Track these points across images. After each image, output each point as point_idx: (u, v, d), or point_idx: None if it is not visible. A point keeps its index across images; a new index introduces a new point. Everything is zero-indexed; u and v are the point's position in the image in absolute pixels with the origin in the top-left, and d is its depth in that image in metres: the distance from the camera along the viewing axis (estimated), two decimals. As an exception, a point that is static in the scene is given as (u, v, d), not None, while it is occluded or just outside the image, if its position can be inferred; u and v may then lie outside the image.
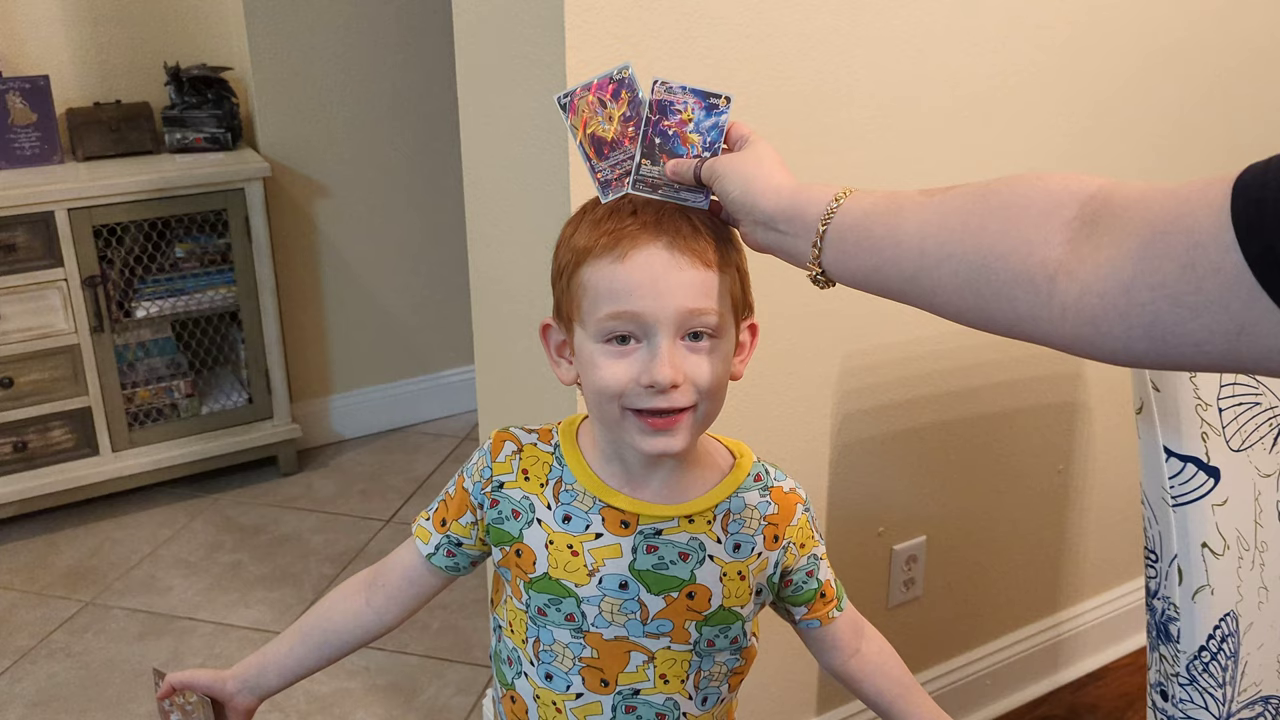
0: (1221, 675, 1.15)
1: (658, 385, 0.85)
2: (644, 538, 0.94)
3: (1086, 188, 0.70)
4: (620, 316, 0.87)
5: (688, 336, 0.88)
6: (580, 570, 0.94)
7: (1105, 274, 0.66)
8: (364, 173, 2.94)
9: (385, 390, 3.15)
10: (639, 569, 0.94)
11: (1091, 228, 0.68)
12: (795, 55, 1.42)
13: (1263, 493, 1.17)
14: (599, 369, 0.88)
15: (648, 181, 0.91)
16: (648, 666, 0.96)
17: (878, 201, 0.81)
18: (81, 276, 2.50)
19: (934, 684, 1.91)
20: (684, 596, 0.95)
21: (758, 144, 0.91)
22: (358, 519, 2.72)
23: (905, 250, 0.78)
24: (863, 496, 1.72)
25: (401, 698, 2.11)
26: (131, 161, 2.63)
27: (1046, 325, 0.70)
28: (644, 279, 0.86)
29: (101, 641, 2.26)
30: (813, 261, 0.83)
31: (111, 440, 2.64)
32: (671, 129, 0.92)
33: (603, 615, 0.94)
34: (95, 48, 2.74)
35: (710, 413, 0.90)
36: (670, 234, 0.87)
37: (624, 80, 0.92)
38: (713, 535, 0.95)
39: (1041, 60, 1.65)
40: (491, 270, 1.61)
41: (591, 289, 0.88)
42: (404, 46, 2.90)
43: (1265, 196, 0.60)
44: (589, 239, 0.89)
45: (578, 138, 0.92)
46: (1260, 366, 0.63)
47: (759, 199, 0.86)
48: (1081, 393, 1.93)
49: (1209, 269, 0.61)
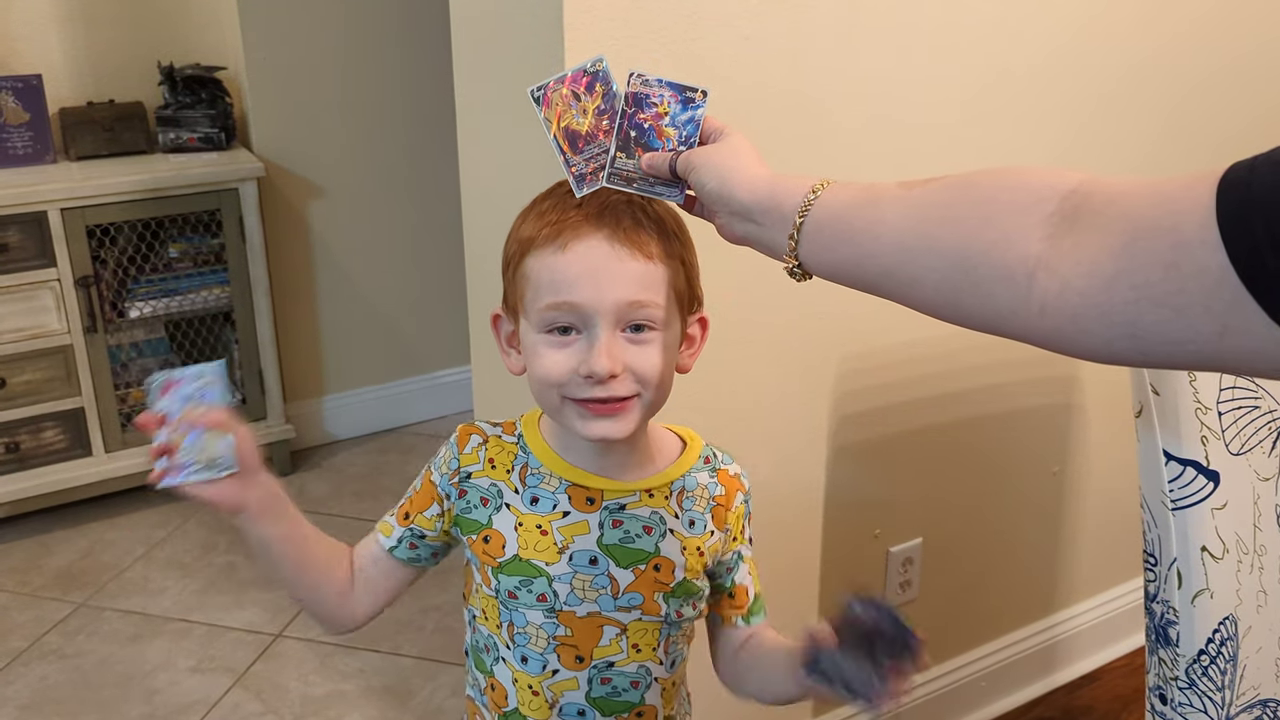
0: (1221, 679, 1.15)
1: (595, 376, 0.87)
2: (609, 513, 0.96)
3: (1067, 181, 0.69)
4: (560, 307, 0.88)
5: (629, 328, 0.89)
6: (550, 549, 0.96)
7: (1086, 270, 0.65)
8: (358, 173, 2.93)
9: (379, 391, 3.14)
10: (606, 543, 0.96)
11: (1072, 223, 0.67)
12: (792, 55, 1.42)
13: (1262, 496, 1.17)
14: (540, 358, 0.90)
15: (622, 175, 0.91)
16: (620, 639, 0.98)
17: (855, 194, 0.81)
18: (74, 276, 2.49)
19: (929, 686, 1.91)
20: (651, 569, 0.97)
21: (734, 136, 0.91)
22: (351, 520, 2.71)
23: (884, 244, 0.77)
24: (859, 499, 1.72)
25: (396, 700, 2.10)
26: (125, 161, 2.62)
27: (1025, 321, 0.69)
28: (584, 270, 0.87)
29: (94, 643, 2.25)
30: (789, 254, 0.83)
31: (104, 441, 2.63)
32: (647, 122, 0.92)
33: (574, 593, 0.96)
34: (88, 47, 2.73)
35: (655, 401, 0.92)
36: (611, 225, 0.88)
37: (598, 73, 0.92)
38: (671, 510, 0.98)
39: (1032, 61, 1.65)
40: (487, 270, 1.60)
41: (534, 279, 0.90)
42: (400, 45, 2.89)
43: (1250, 196, 0.59)
44: (533, 229, 0.91)
45: (551, 131, 0.92)
46: (1242, 367, 0.63)
47: (735, 190, 0.86)
48: (1077, 395, 1.93)
49: (1193, 269, 0.60)
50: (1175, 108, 1.85)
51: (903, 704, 1.87)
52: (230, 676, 2.16)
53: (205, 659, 2.21)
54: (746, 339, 1.50)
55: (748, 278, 1.26)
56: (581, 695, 0.99)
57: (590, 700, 0.99)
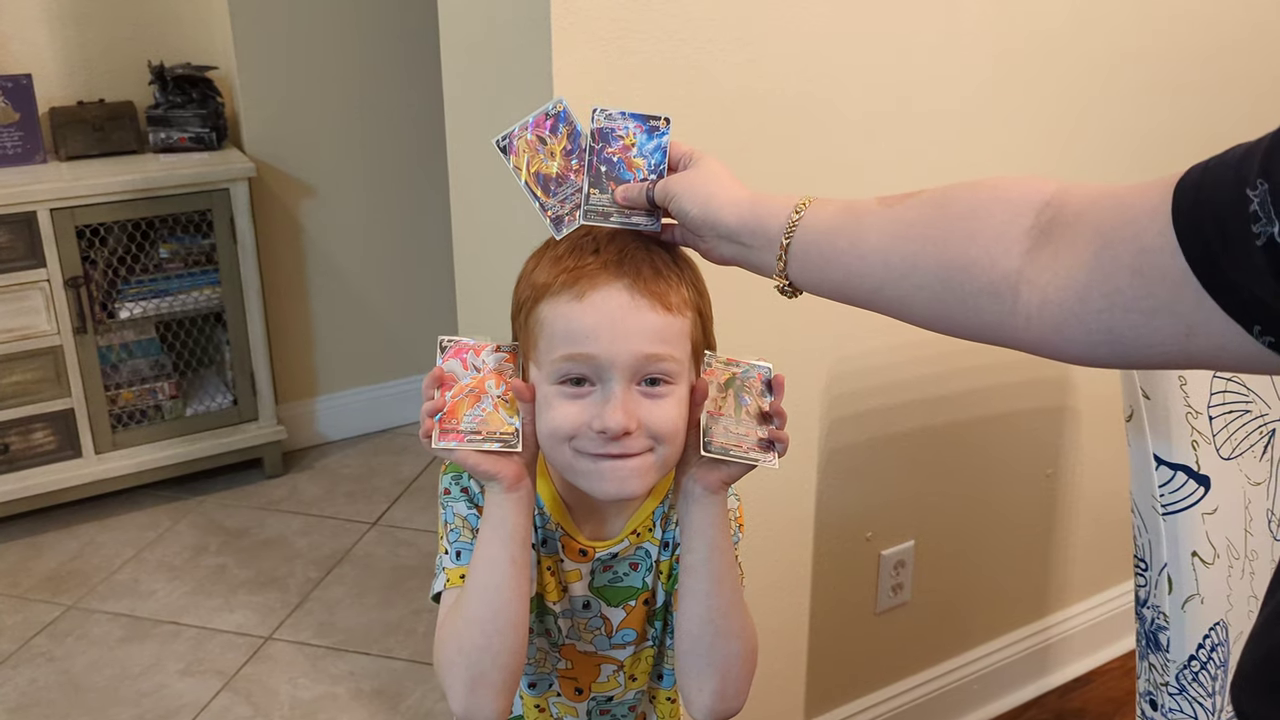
0: (1211, 684, 1.14)
1: (609, 432, 0.83)
2: (599, 562, 0.96)
3: (1041, 194, 0.72)
4: (575, 359, 0.84)
5: (644, 381, 0.85)
6: (555, 589, 0.96)
7: (1063, 283, 0.68)
8: (350, 173, 2.92)
9: (372, 392, 3.13)
10: (597, 586, 0.97)
11: (1047, 236, 0.69)
12: (783, 60, 1.41)
13: (1253, 501, 1.16)
14: (552, 410, 0.86)
15: (599, 211, 0.90)
16: (618, 674, 1.00)
17: (837, 213, 0.82)
18: (64, 277, 2.48)
19: (922, 689, 1.90)
20: (641, 604, 0.98)
21: (706, 160, 0.90)
22: (344, 522, 2.70)
23: (870, 264, 0.79)
24: (851, 502, 1.71)
25: (386, 703, 2.09)
26: (115, 161, 2.61)
27: (1013, 332, 0.72)
28: (601, 321, 0.83)
29: (84, 646, 2.24)
30: (778, 274, 0.84)
31: (95, 442, 2.62)
32: (616, 155, 0.91)
33: (575, 629, 0.97)
34: (79, 46, 2.71)
35: (669, 457, 0.87)
36: (631, 275, 0.85)
37: (560, 114, 0.92)
38: (655, 541, 0.97)
39: (1014, 61, 1.65)
40: (478, 271, 1.59)
41: (548, 328, 0.86)
42: (391, 45, 2.88)
43: (1200, 198, 0.61)
44: (548, 275, 0.87)
45: (522, 179, 0.91)
46: (1211, 363, 0.65)
47: (720, 214, 0.85)
48: (1070, 397, 1.93)
49: (1157, 274, 0.63)
50: (1160, 106, 1.84)
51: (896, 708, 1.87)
52: (220, 679, 2.14)
53: (195, 662, 2.19)
54: (736, 342, 1.49)
55: (737, 279, 1.25)
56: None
57: None
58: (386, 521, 2.71)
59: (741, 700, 0.93)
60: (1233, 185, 0.59)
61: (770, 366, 0.93)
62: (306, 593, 2.41)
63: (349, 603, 2.38)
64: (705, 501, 0.88)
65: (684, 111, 1.32)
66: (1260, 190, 0.57)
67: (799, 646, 1.74)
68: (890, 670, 1.88)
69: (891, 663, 1.87)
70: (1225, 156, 0.62)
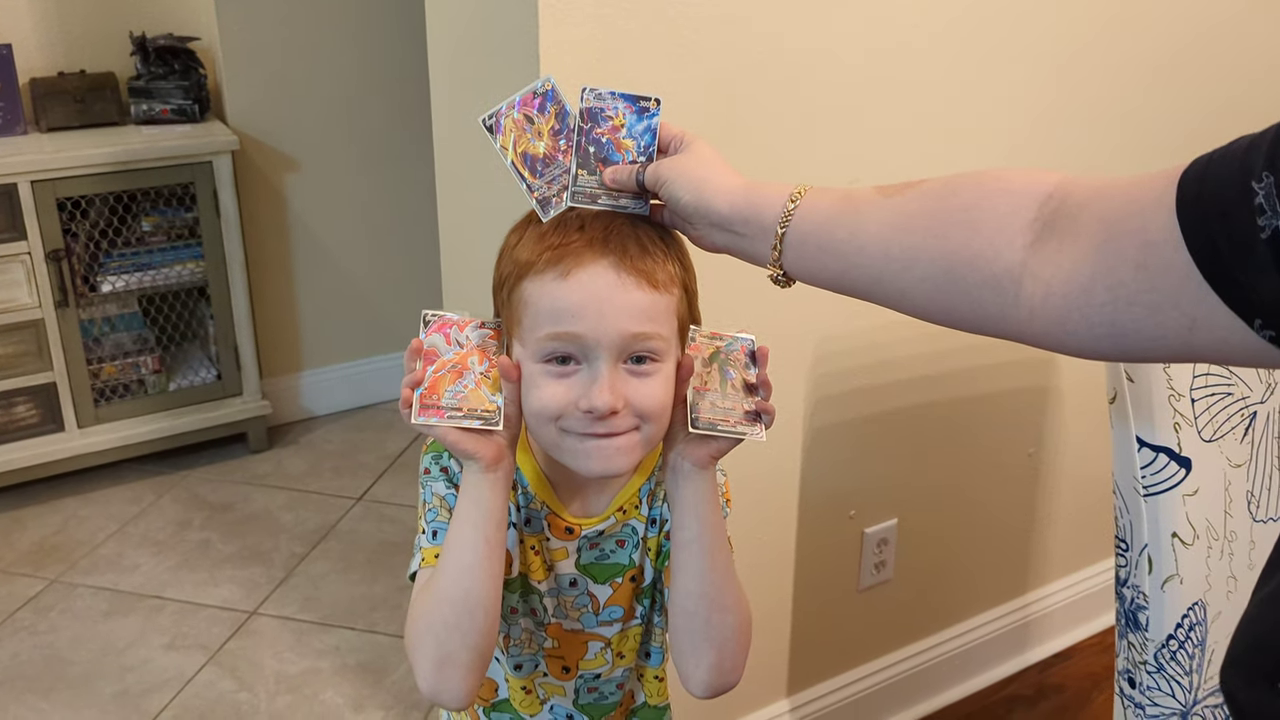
0: (1189, 663, 1.16)
1: (596, 411, 0.82)
2: (586, 540, 0.96)
3: (1044, 186, 0.71)
4: (560, 338, 0.83)
5: (630, 360, 0.84)
6: (540, 567, 0.96)
7: (1066, 276, 0.67)
8: (334, 146, 2.90)
9: (357, 366, 3.12)
10: (583, 564, 0.96)
11: (1050, 229, 0.69)
12: (774, 40, 1.41)
13: (1233, 483, 1.17)
14: (537, 389, 0.85)
15: (586, 193, 0.89)
16: (605, 651, 1.00)
17: (835, 203, 0.80)
18: (45, 250, 2.45)
19: (904, 665, 1.92)
20: (628, 580, 0.97)
21: (697, 144, 0.88)
22: (328, 497, 2.70)
23: (869, 255, 0.77)
24: (835, 480, 1.72)
25: (371, 677, 2.10)
26: (96, 133, 2.58)
27: (1016, 325, 0.71)
28: (587, 299, 0.82)
29: (67, 620, 2.24)
30: (773, 264, 0.82)
31: (77, 416, 2.61)
32: (604, 136, 0.89)
33: (561, 607, 0.97)
34: (59, 16, 2.68)
35: (655, 434, 0.87)
36: (617, 252, 0.84)
37: (548, 93, 0.90)
38: (641, 518, 0.97)
39: (1003, 43, 1.65)
40: (463, 246, 1.59)
41: (532, 306, 0.84)
42: (375, 17, 2.85)
43: (1205, 191, 0.60)
44: (532, 252, 0.85)
45: (509, 159, 0.89)
46: (1214, 357, 0.64)
47: (713, 201, 0.84)
48: (1053, 377, 1.94)
49: (1160, 267, 0.62)
50: (1152, 91, 1.84)
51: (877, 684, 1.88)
52: (204, 654, 2.15)
53: (179, 636, 2.20)
54: (722, 321, 1.49)
55: (723, 259, 1.26)
56: (569, 701, 1.02)
57: (578, 706, 1.02)
58: (371, 497, 2.71)
59: (739, 673, 0.92)
60: (1238, 177, 0.58)
61: (753, 338, 0.93)
62: (291, 568, 2.41)
63: (334, 578, 2.39)
64: (695, 477, 0.88)
65: (674, 91, 1.31)
66: (1266, 182, 0.57)
67: (782, 623, 1.76)
68: (873, 646, 1.89)
69: (874, 639, 1.89)
70: (1230, 148, 0.61)
